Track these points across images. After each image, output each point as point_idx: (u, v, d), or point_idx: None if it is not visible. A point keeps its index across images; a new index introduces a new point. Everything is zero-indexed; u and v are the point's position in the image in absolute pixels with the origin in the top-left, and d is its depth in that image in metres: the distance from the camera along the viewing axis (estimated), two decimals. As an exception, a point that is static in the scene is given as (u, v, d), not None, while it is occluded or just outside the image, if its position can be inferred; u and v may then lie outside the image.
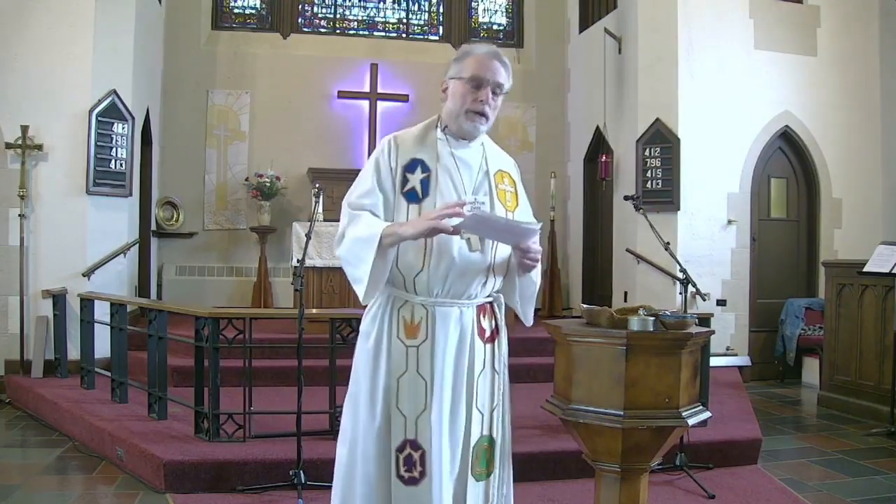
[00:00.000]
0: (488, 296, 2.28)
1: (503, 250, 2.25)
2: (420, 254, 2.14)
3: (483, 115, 2.22)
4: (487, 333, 2.26)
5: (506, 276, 2.32)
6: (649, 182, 7.21)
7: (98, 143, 6.18)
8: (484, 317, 2.26)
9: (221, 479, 3.84)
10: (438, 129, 2.28)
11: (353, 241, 2.15)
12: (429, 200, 2.17)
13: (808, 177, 7.76)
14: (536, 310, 9.12)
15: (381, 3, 9.44)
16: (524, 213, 2.39)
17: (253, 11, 9.11)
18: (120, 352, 5.18)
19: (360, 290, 2.18)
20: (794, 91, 7.52)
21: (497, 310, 2.32)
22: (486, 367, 2.25)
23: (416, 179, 2.19)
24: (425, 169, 2.20)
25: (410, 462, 2.14)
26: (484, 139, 2.35)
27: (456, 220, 2.05)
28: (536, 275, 2.35)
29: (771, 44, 7.45)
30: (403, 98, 8.91)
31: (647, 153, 7.22)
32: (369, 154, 9.23)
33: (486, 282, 2.24)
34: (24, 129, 5.95)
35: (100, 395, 5.31)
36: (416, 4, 9.53)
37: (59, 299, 5.91)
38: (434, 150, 2.23)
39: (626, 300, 7.39)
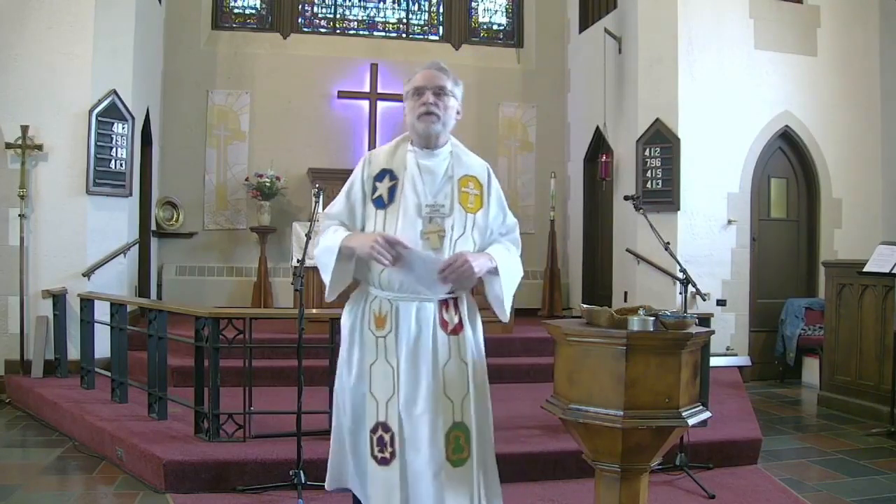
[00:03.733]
0: (450, 291, 2.46)
1: (464, 247, 2.45)
2: None
3: (430, 113, 2.44)
4: (451, 326, 2.46)
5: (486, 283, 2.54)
6: (649, 182, 7.21)
7: (98, 143, 6.18)
8: (447, 311, 2.46)
9: (221, 479, 3.84)
10: (409, 143, 2.53)
11: (321, 251, 2.48)
12: (393, 206, 2.43)
13: (808, 177, 7.76)
14: (536, 310, 9.13)
15: (381, 3, 9.44)
16: (492, 215, 2.56)
17: (253, 11, 9.11)
18: (120, 352, 5.18)
19: (326, 289, 2.50)
20: (794, 91, 7.52)
21: (461, 305, 2.51)
22: (451, 358, 2.44)
23: (383, 187, 2.45)
24: (393, 178, 2.45)
25: (382, 443, 2.37)
26: (453, 148, 2.55)
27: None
28: (508, 275, 2.53)
29: (771, 44, 7.45)
30: (403, 98, 8.90)
31: (647, 153, 7.22)
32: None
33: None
34: (24, 129, 5.95)
35: (100, 395, 5.31)
36: (416, 4, 9.53)
37: (59, 299, 5.91)
38: (403, 161, 2.48)
39: (626, 300, 7.39)
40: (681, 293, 4.39)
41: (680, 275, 4.36)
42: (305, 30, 9.20)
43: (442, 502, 2.34)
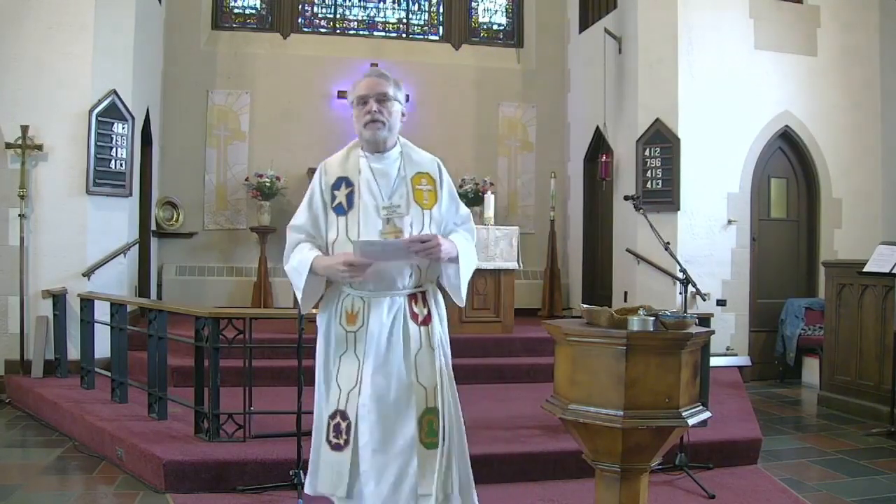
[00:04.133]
0: (417, 286, 2.59)
1: None
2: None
3: (375, 121, 2.55)
4: (421, 318, 2.57)
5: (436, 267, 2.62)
6: (649, 182, 7.21)
7: (98, 143, 6.18)
8: (416, 304, 2.57)
9: (221, 479, 3.84)
10: (359, 149, 2.64)
11: (291, 269, 2.58)
12: (353, 212, 2.54)
13: (808, 177, 7.76)
14: (536, 310, 9.13)
15: (381, 3, 9.44)
16: (444, 207, 2.67)
17: (253, 11, 9.11)
18: (120, 352, 5.18)
19: (300, 303, 2.61)
20: (794, 91, 7.53)
21: (429, 297, 2.62)
22: (422, 346, 2.55)
23: (342, 195, 2.56)
24: (349, 184, 2.56)
25: (339, 430, 2.50)
26: (403, 148, 2.66)
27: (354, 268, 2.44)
28: (466, 264, 2.62)
29: (771, 44, 7.45)
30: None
31: (647, 153, 7.22)
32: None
33: (411, 274, 2.56)
34: (24, 129, 5.95)
35: (100, 395, 5.31)
36: (416, 4, 9.52)
37: (59, 299, 5.91)
38: (356, 167, 2.58)
39: (626, 300, 7.39)
40: (681, 293, 4.39)
41: (680, 275, 4.37)
42: (305, 30, 9.19)
43: (413, 484, 2.45)
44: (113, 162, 6.33)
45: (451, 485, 2.52)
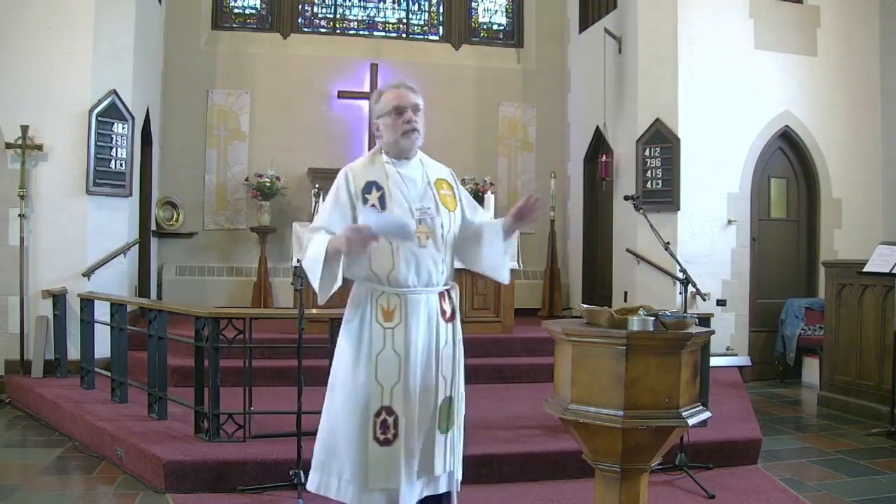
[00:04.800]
0: (446, 283, 2.73)
1: (451, 243, 2.72)
2: (390, 257, 2.60)
3: (415, 130, 2.69)
4: (448, 314, 2.72)
5: (481, 244, 2.79)
6: (649, 182, 7.21)
7: (98, 143, 6.18)
8: (444, 301, 2.71)
9: (221, 479, 3.84)
10: (383, 155, 2.74)
11: (307, 261, 2.63)
12: (387, 213, 2.62)
13: (808, 177, 7.76)
14: (536, 310, 9.13)
15: (381, 3, 9.44)
16: (470, 208, 2.86)
17: (253, 11, 9.11)
18: (120, 352, 5.18)
19: (318, 294, 2.64)
20: (794, 91, 7.53)
21: (453, 295, 2.76)
22: (447, 342, 2.70)
23: (374, 198, 2.65)
24: (379, 188, 2.66)
25: (385, 426, 2.58)
26: (420, 156, 2.80)
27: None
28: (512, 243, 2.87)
29: (771, 44, 7.45)
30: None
31: (647, 153, 7.22)
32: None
33: (442, 271, 2.69)
34: (24, 129, 5.95)
35: (100, 395, 5.31)
36: (416, 4, 9.52)
37: (59, 299, 5.91)
38: (383, 172, 2.69)
39: (626, 300, 7.39)
40: (681, 293, 4.39)
41: (680, 275, 4.36)
42: (305, 30, 9.19)
43: (433, 459, 2.64)
44: (113, 162, 6.33)
45: (453, 463, 2.71)
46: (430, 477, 2.65)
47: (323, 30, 9.27)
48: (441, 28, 9.53)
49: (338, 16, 9.33)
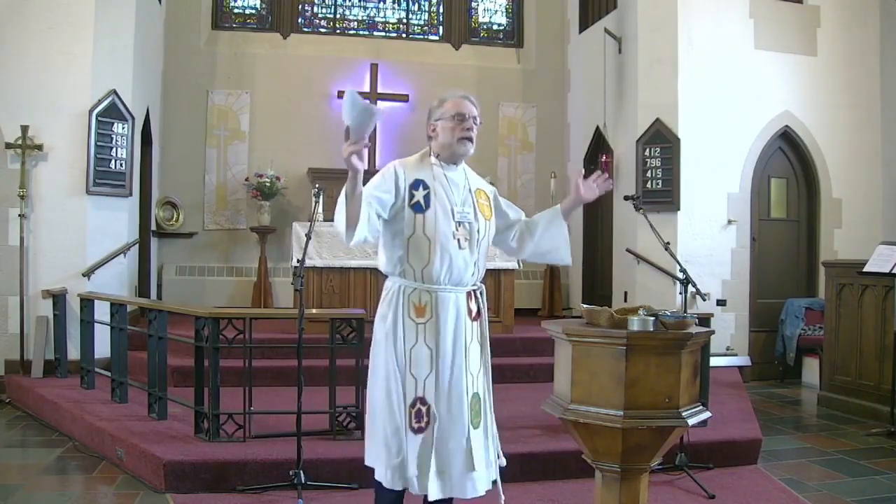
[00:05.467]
0: (474, 284, 2.88)
1: (484, 247, 2.89)
2: (426, 252, 2.75)
3: (470, 139, 2.85)
4: (474, 313, 2.87)
5: (538, 232, 3.09)
6: (649, 182, 7.21)
7: (98, 143, 6.18)
8: (471, 300, 2.86)
9: (221, 479, 3.84)
10: (432, 157, 2.88)
11: (336, 214, 2.67)
12: (430, 211, 2.76)
13: (808, 177, 7.76)
14: (536, 310, 9.13)
15: (381, 3, 9.44)
16: (510, 210, 3.11)
17: (253, 11, 9.11)
18: (120, 352, 5.18)
19: (344, 236, 2.66)
20: (794, 91, 7.53)
21: (480, 295, 2.91)
22: (473, 340, 2.84)
23: (420, 195, 2.78)
24: (426, 187, 2.80)
25: (420, 415, 2.72)
26: (464, 165, 2.95)
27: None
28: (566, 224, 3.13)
29: (771, 44, 7.45)
30: (403, 98, 8.91)
31: (647, 153, 7.22)
32: (369, 155, 9.19)
33: (473, 273, 2.85)
34: (24, 129, 5.95)
35: (100, 395, 5.31)
36: (416, 4, 9.53)
37: (59, 299, 5.91)
38: (431, 173, 2.84)
39: (626, 300, 7.39)
40: (681, 293, 4.39)
41: (680, 275, 4.36)
42: (305, 30, 9.20)
43: (471, 456, 2.73)
44: (113, 162, 6.33)
45: (494, 455, 2.83)
46: (468, 471, 2.73)
47: (323, 30, 9.27)
48: (441, 28, 9.53)
49: (338, 16, 9.33)
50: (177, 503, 3.72)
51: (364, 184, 2.64)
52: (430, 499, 2.69)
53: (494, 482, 2.83)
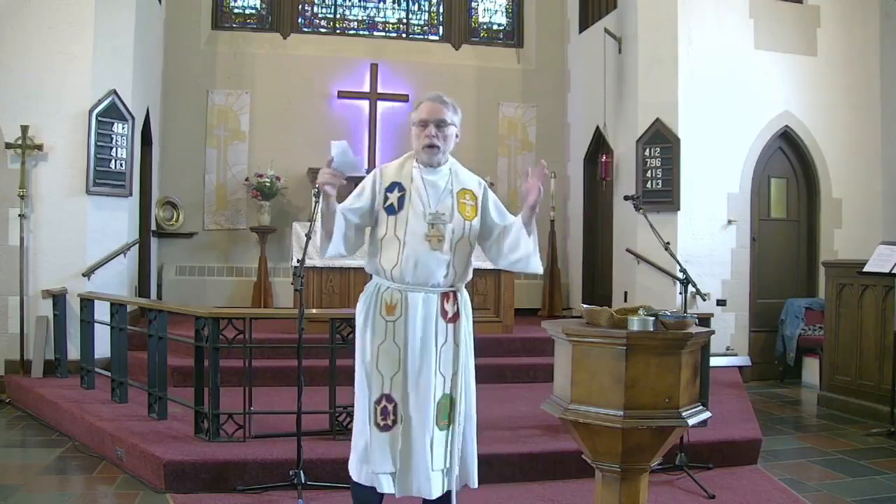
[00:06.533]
0: (451, 285, 2.86)
1: (463, 248, 2.86)
2: (396, 253, 2.80)
3: (433, 146, 2.84)
4: (450, 315, 2.84)
5: (504, 242, 2.94)
6: (649, 182, 7.21)
7: (98, 143, 6.18)
8: (447, 302, 2.84)
9: (221, 479, 3.84)
10: (414, 160, 2.93)
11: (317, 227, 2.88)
12: (402, 212, 2.82)
13: (808, 177, 7.76)
14: (536, 310, 9.12)
15: (381, 3, 9.44)
16: (496, 216, 2.98)
17: (253, 11, 9.11)
18: (120, 352, 5.18)
19: (318, 250, 2.87)
20: (794, 91, 7.52)
21: (459, 297, 2.89)
22: (447, 341, 2.82)
23: (394, 197, 2.85)
24: (401, 189, 2.85)
25: (386, 412, 2.77)
26: (452, 166, 2.96)
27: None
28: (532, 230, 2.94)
29: (771, 44, 7.45)
30: (403, 98, 8.91)
31: (647, 153, 7.21)
32: (369, 155, 9.17)
33: (448, 273, 2.84)
34: (24, 129, 5.95)
35: (100, 395, 5.31)
36: (416, 4, 9.52)
37: (59, 299, 5.91)
38: (409, 176, 2.88)
39: (626, 300, 7.39)
40: (681, 293, 4.39)
41: (680, 275, 4.36)
42: (305, 30, 9.19)
43: (429, 458, 2.75)
44: (113, 162, 6.33)
45: (455, 462, 2.80)
46: (428, 471, 2.74)
47: (323, 30, 9.27)
48: (441, 28, 9.53)
49: (338, 16, 9.33)
50: (177, 503, 3.72)
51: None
52: (398, 496, 2.76)
53: (449, 493, 2.79)
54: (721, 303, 7.16)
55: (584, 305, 2.68)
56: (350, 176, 2.86)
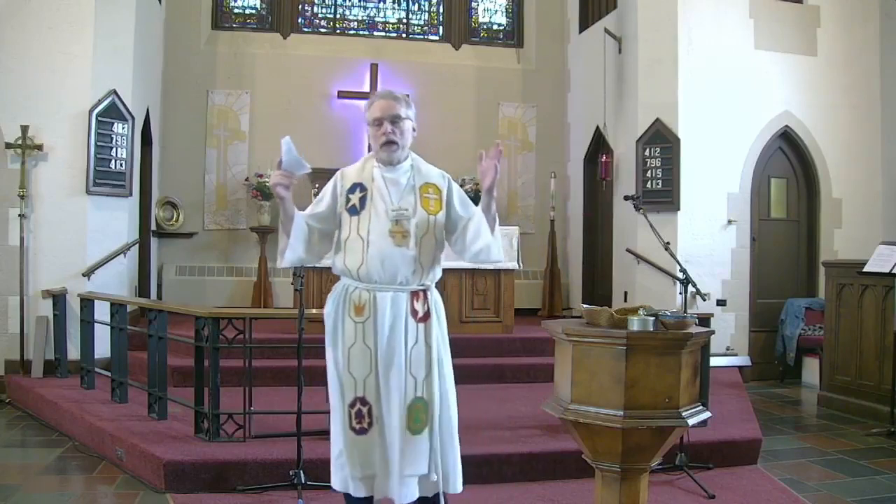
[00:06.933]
0: (420, 284, 2.81)
1: (428, 243, 2.80)
2: (360, 252, 2.77)
3: (391, 142, 2.82)
4: (420, 314, 2.79)
5: (467, 232, 2.86)
6: (649, 182, 7.21)
7: (98, 143, 6.19)
8: (417, 301, 2.79)
9: (221, 479, 3.84)
10: (373, 160, 2.90)
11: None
12: (365, 212, 2.80)
13: (808, 177, 7.76)
14: (536, 310, 9.12)
15: (381, 3, 9.44)
16: (459, 209, 2.91)
17: (253, 11, 9.11)
18: (120, 352, 5.18)
19: (279, 254, 2.90)
20: (794, 91, 7.52)
21: (430, 296, 2.83)
22: (418, 342, 2.77)
23: (356, 198, 2.84)
24: (363, 189, 2.84)
25: (360, 415, 2.74)
26: (413, 161, 2.93)
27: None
28: (495, 219, 2.89)
29: (771, 44, 7.45)
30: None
31: (647, 153, 7.21)
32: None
33: (416, 270, 2.79)
34: (24, 129, 5.95)
35: (100, 395, 5.31)
36: (416, 4, 9.52)
37: (59, 299, 5.91)
38: (370, 175, 2.86)
39: (626, 300, 7.39)
40: (681, 293, 4.39)
41: (680, 275, 4.36)
42: (305, 30, 9.19)
43: (400, 463, 2.69)
44: (113, 162, 6.33)
45: (433, 467, 2.73)
46: (399, 475, 2.69)
47: (323, 30, 9.27)
48: (441, 28, 9.53)
49: (338, 16, 9.33)
50: (177, 503, 3.72)
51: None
52: (376, 498, 2.74)
53: (437, 495, 2.76)
54: (721, 303, 7.16)
55: (584, 305, 2.68)
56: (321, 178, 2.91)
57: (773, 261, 7.65)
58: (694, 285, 4.54)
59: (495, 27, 9.67)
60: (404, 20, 9.48)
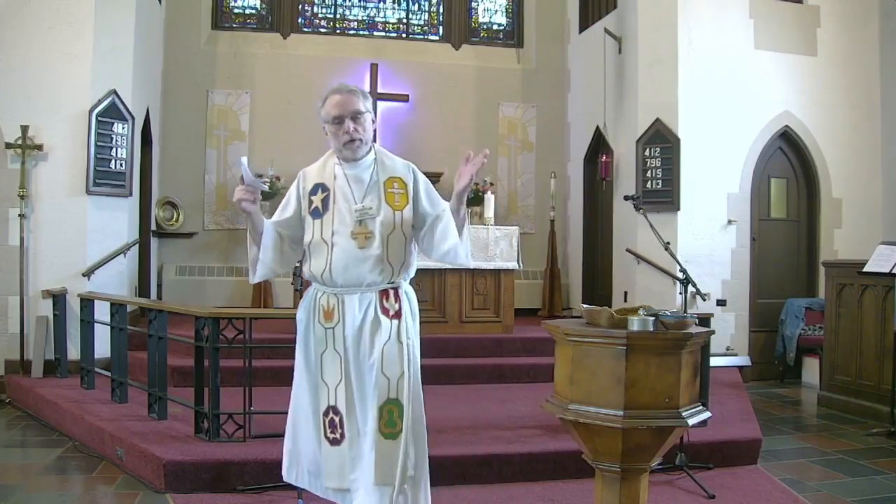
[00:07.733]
0: (390, 282, 2.72)
1: (396, 241, 2.70)
2: (325, 256, 2.69)
3: (354, 140, 2.74)
4: (391, 312, 2.70)
5: (435, 232, 2.77)
6: (649, 182, 7.21)
7: (98, 143, 6.19)
8: (387, 299, 2.71)
9: (221, 479, 3.84)
10: (334, 157, 2.84)
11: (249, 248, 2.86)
12: (328, 214, 2.72)
13: (808, 177, 7.76)
14: (536, 310, 9.11)
15: (381, 3, 9.44)
16: (426, 204, 2.79)
17: (253, 11, 9.11)
18: (120, 352, 5.18)
19: (250, 271, 2.89)
20: (794, 91, 7.53)
21: (401, 293, 2.74)
22: (391, 339, 2.67)
23: (318, 200, 2.76)
24: (325, 189, 2.76)
25: (333, 425, 2.68)
26: (377, 155, 2.84)
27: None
28: (466, 221, 2.80)
29: (771, 44, 7.45)
30: (403, 98, 8.90)
31: (647, 153, 7.22)
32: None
33: (381, 270, 2.69)
34: (24, 129, 5.95)
35: (100, 395, 5.31)
36: (416, 4, 9.52)
37: (59, 299, 5.91)
38: (332, 174, 2.79)
39: (626, 300, 7.39)
40: (681, 293, 4.39)
41: (680, 275, 4.37)
42: (305, 30, 9.19)
43: (372, 472, 2.59)
44: (113, 162, 6.33)
45: (405, 475, 2.62)
46: (371, 484, 2.59)
47: (323, 30, 9.27)
48: (441, 28, 9.53)
49: (338, 16, 9.33)
50: (177, 503, 3.72)
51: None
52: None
53: None
54: (721, 303, 7.16)
55: (584, 305, 2.67)
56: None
57: (773, 261, 7.65)
58: (694, 285, 4.54)
59: (495, 27, 9.67)
60: (404, 20, 9.48)
